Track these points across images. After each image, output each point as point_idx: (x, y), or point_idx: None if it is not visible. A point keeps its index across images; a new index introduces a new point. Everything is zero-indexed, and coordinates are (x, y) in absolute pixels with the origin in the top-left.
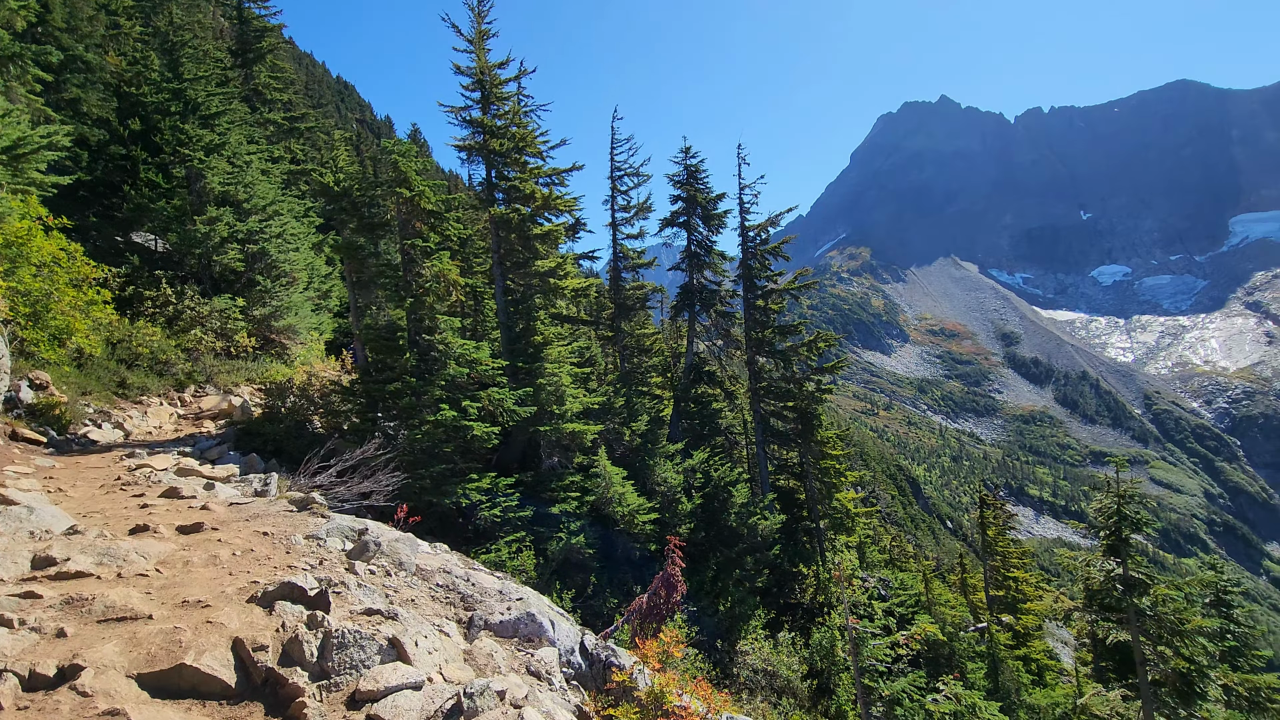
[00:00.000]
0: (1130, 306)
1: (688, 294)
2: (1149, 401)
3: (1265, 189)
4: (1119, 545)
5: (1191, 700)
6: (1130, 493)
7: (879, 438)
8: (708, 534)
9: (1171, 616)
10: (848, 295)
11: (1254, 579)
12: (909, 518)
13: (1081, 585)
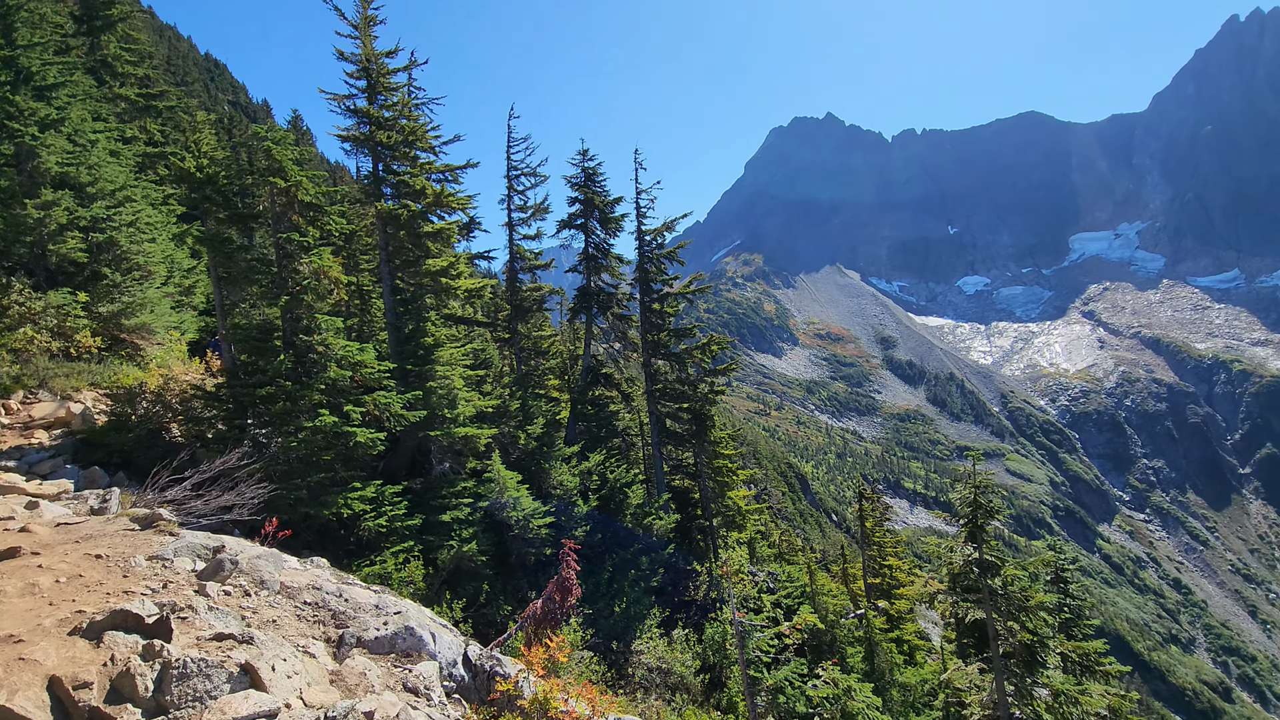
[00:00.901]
0: (989, 314)
1: (585, 296)
2: (1005, 400)
3: (1098, 211)
4: (976, 531)
5: (1034, 668)
6: (985, 484)
7: (771, 437)
8: (604, 536)
9: (1018, 594)
10: (742, 300)
11: (1089, 556)
12: (798, 513)
13: (945, 570)
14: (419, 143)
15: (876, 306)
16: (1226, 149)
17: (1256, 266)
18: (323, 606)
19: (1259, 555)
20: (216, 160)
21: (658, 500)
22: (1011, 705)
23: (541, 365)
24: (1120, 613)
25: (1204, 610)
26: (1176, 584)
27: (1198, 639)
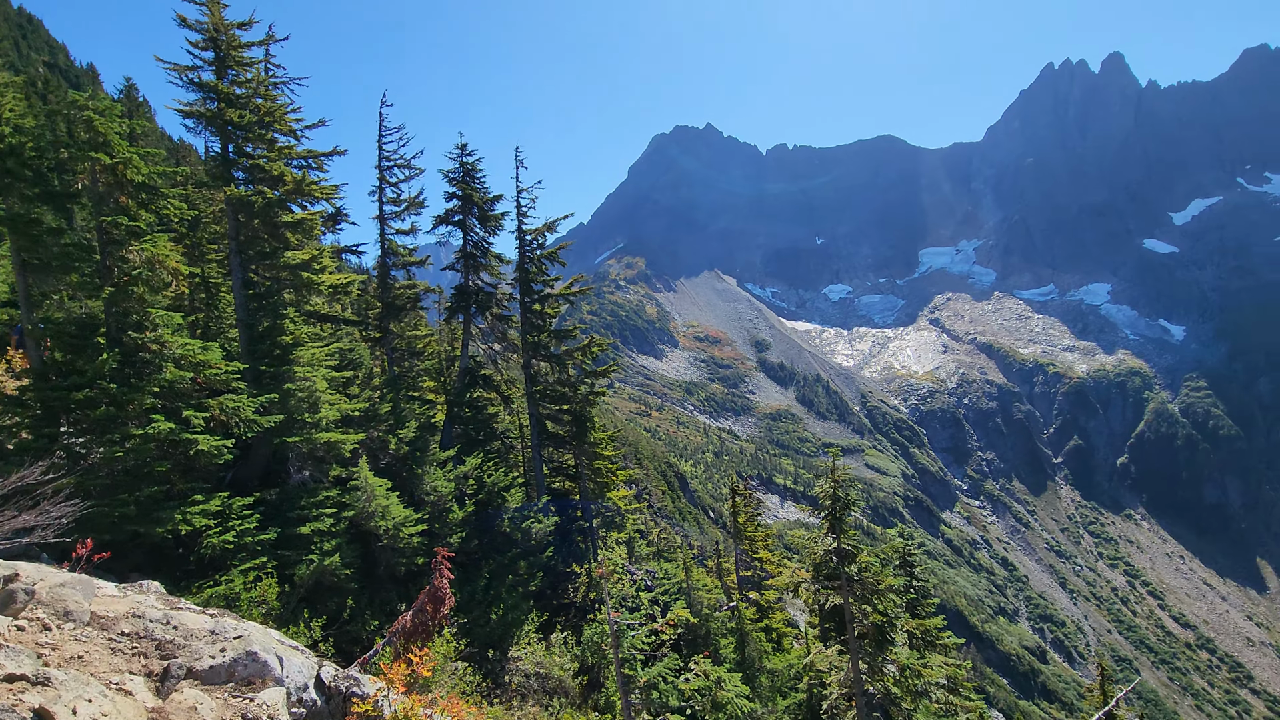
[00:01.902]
0: (852, 320)
1: (463, 295)
2: (864, 400)
3: (942, 229)
4: (836, 523)
5: (884, 647)
6: (843, 478)
7: (652, 437)
8: (481, 542)
9: (871, 579)
10: (624, 302)
11: (934, 540)
12: (677, 511)
13: (809, 559)
14: (277, 125)
15: (751, 311)
16: (1045, 179)
17: (1067, 282)
18: (145, 636)
19: (1068, 534)
20: (24, 129)
21: (537, 503)
22: (865, 682)
23: (416, 366)
24: (959, 590)
25: (1026, 584)
26: (1004, 562)
27: (1021, 610)
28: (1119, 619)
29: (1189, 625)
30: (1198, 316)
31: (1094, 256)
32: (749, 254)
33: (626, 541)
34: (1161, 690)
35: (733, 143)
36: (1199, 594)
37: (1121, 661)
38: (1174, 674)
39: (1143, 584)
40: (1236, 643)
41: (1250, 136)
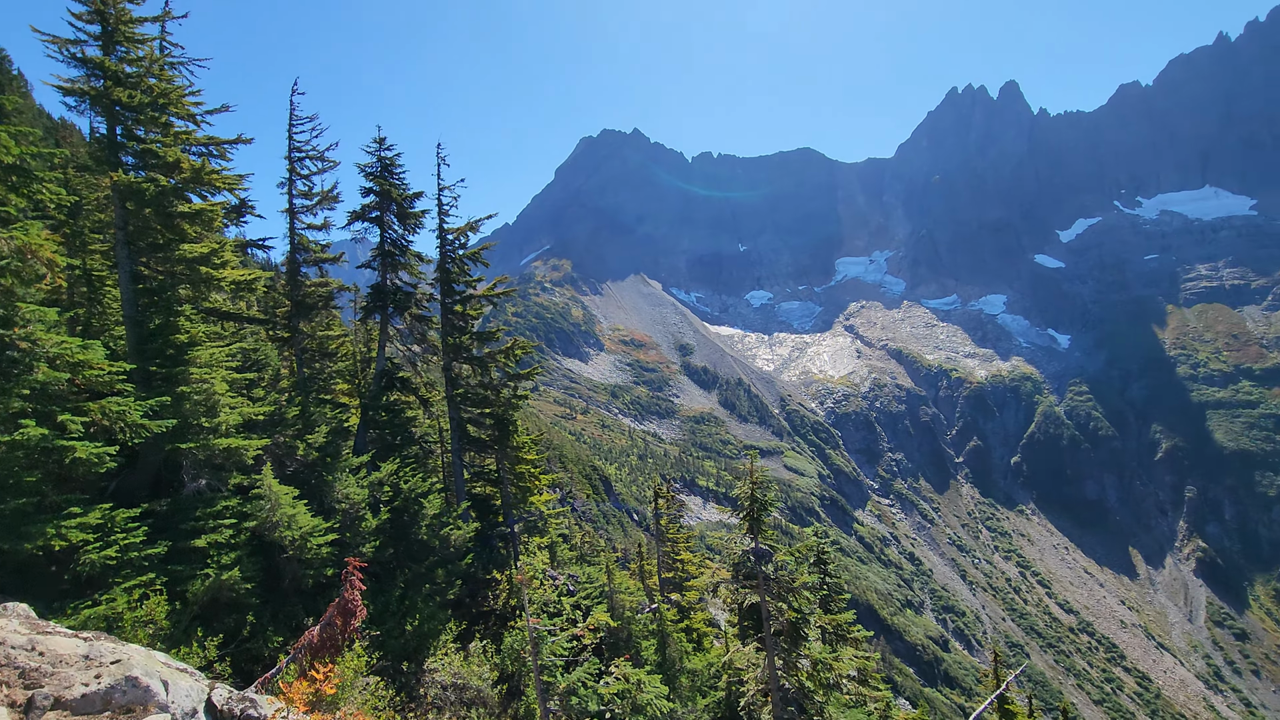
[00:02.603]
0: (772, 325)
1: (380, 295)
2: (784, 403)
3: (857, 240)
4: (754, 523)
5: (799, 642)
6: (761, 480)
7: (577, 440)
8: (396, 550)
9: (787, 577)
10: (550, 304)
11: (848, 538)
12: (602, 514)
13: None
14: (173, 108)
15: (676, 315)
16: (949, 195)
17: (969, 293)
18: (6, 665)
19: (968, 529)
20: None
21: (457, 509)
22: (781, 678)
23: (328, 368)
24: (871, 585)
25: (930, 577)
26: (912, 557)
27: (926, 602)
28: (1012, 607)
29: (1072, 611)
30: (1080, 326)
31: (992, 269)
32: (674, 259)
33: (549, 546)
34: (1048, 672)
35: (659, 149)
36: (1080, 582)
37: (1014, 647)
38: (1059, 656)
39: (1032, 574)
40: (1112, 625)
41: (1125, 163)
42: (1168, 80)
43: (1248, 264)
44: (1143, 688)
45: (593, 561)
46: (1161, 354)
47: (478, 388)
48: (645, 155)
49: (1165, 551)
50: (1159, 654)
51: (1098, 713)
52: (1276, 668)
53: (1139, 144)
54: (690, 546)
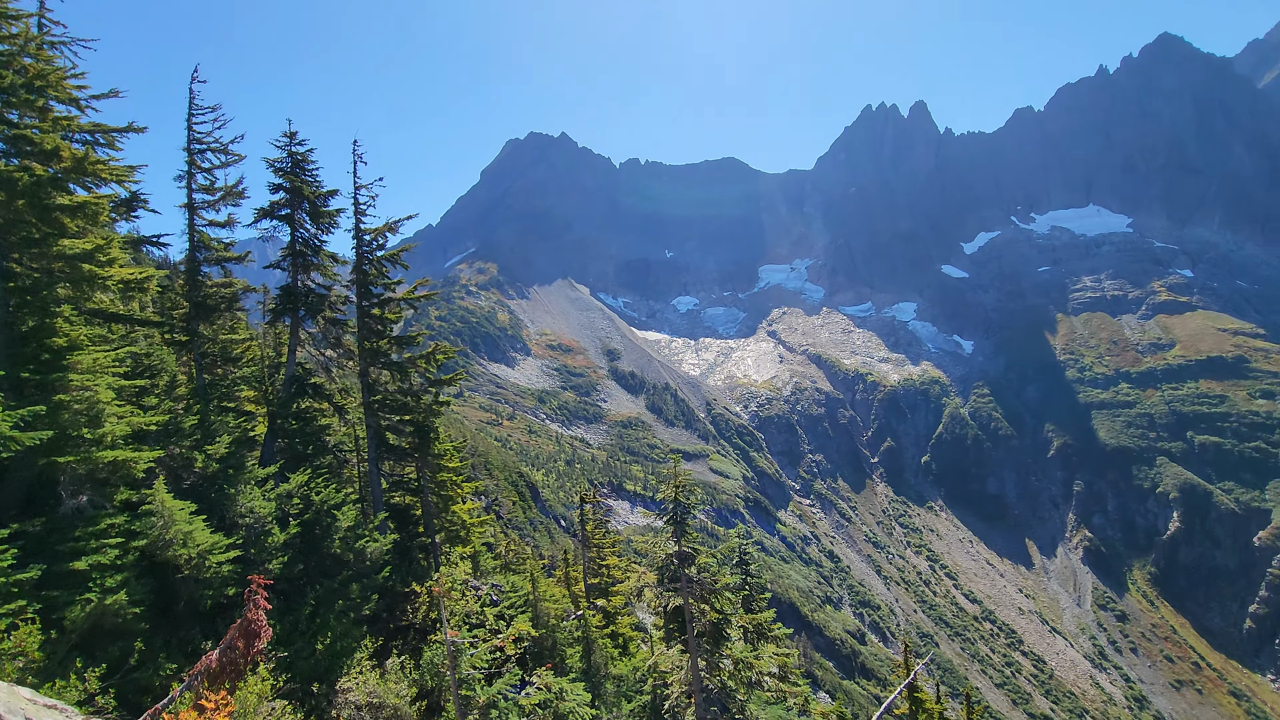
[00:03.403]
0: (698, 330)
1: (290, 297)
2: (710, 407)
3: (779, 248)
4: (678, 527)
5: (721, 643)
6: (684, 484)
7: (503, 446)
8: (307, 566)
9: (710, 579)
10: (475, 309)
11: (771, 538)
12: (528, 521)
13: (653, 564)
14: (53, 91)
15: (604, 320)
16: (864, 207)
17: (882, 300)
18: None
19: (882, 526)
20: None
21: (374, 520)
22: (704, 678)
23: (232, 374)
24: (792, 583)
25: (848, 574)
26: (831, 555)
27: (844, 597)
28: (923, 599)
29: (976, 600)
30: (983, 333)
31: (904, 278)
32: (602, 264)
33: (472, 556)
34: (956, 660)
35: (587, 153)
36: (983, 573)
37: (925, 637)
38: (965, 644)
39: (941, 567)
40: (1011, 612)
41: (1021, 182)
42: (1057, 106)
43: (1125, 276)
44: (1038, 669)
45: (517, 570)
46: (1053, 358)
47: (397, 394)
48: (573, 159)
49: (1057, 542)
50: (1052, 637)
51: (1000, 695)
52: (1151, 644)
53: (1033, 164)
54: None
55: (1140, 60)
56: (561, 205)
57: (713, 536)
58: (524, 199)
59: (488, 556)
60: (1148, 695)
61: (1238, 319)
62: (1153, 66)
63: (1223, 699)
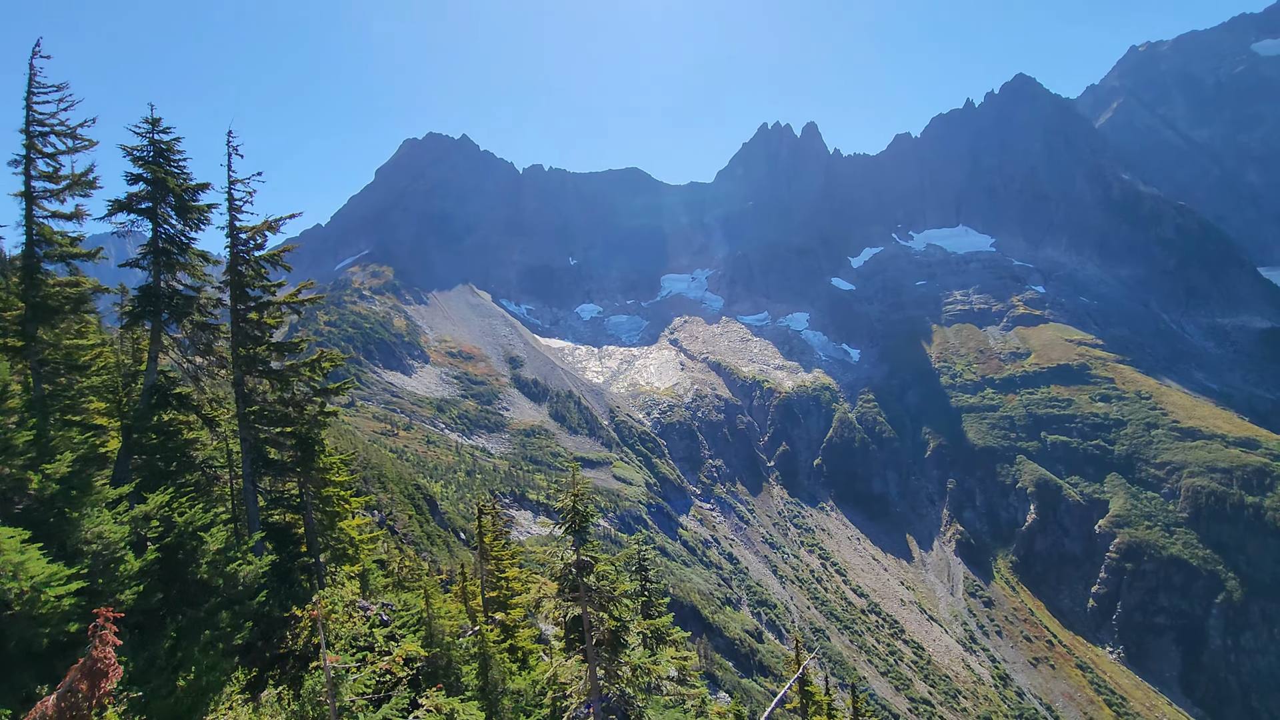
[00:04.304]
0: (602, 338)
1: (151, 298)
2: (613, 414)
3: (681, 258)
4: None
5: (620, 650)
6: (582, 492)
7: (399, 458)
8: (168, 595)
9: (608, 587)
10: (369, 313)
11: (673, 543)
12: (425, 535)
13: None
14: None
15: (506, 327)
16: (761, 221)
17: (778, 310)
18: None
19: (778, 527)
20: None
21: (248, 541)
22: (603, 686)
23: (78, 383)
24: (694, 587)
25: (747, 574)
26: (730, 557)
27: (743, 598)
28: (815, 596)
29: (863, 594)
30: (868, 342)
31: (797, 290)
32: (504, 270)
33: (361, 575)
34: (845, 652)
35: (489, 157)
36: (869, 568)
37: (817, 631)
38: (854, 636)
39: (831, 564)
40: (894, 604)
41: (901, 202)
42: (931, 134)
43: (990, 291)
44: (918, 656)
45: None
46: (929, 366)
47: (277, 404)
48: (475, 162)
49: (933, 536)
50: (930, 625)
51: (884, 682)
52: (1013, 627)
53: (910, 186)
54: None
55: (1000, 96)
56: (462, 208)
57: (616, 543)
58: (423, 201)
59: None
60: (1010, 673)
61: (1081, 331)
62: (1010, 102)
63: (1071, 672)
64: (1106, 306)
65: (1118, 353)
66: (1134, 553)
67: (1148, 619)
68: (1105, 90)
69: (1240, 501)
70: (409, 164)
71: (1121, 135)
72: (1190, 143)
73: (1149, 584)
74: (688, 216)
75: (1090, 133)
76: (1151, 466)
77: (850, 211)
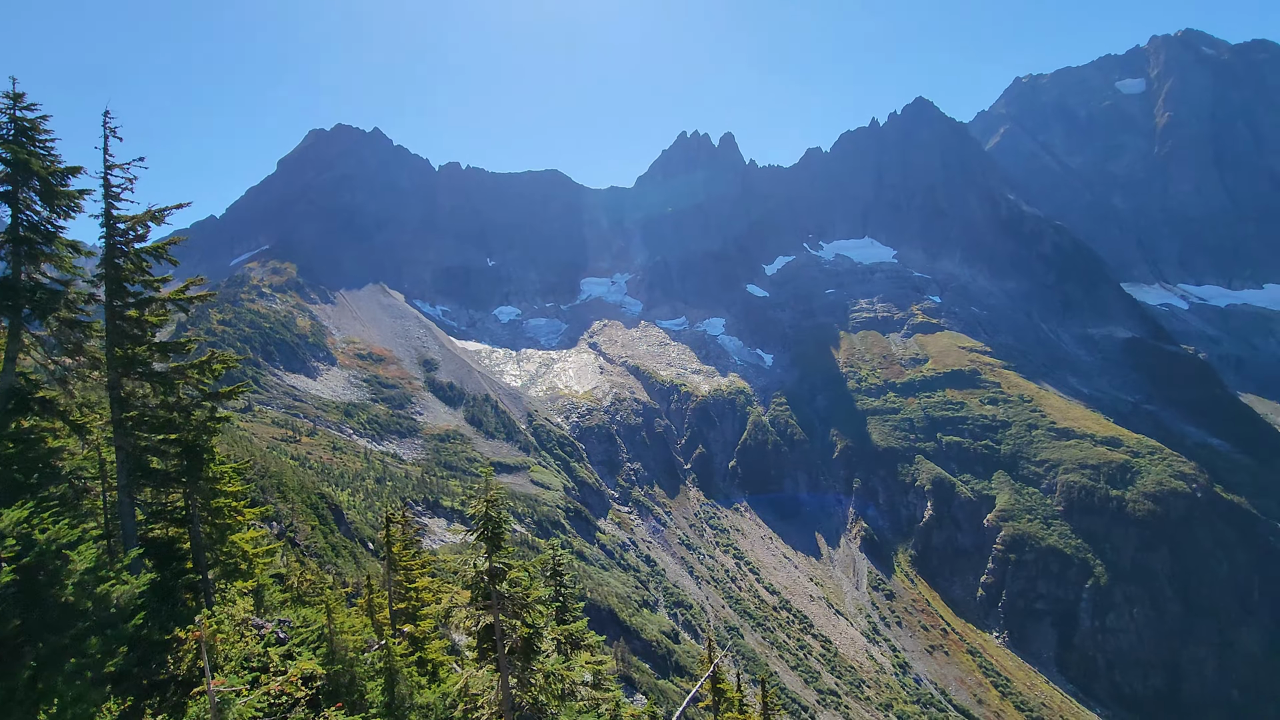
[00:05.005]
0: (520, 341)
1: (9, 292)
2: (531, 418)
3: (601, 261)
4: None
5: (532, 657)
6: (495, 497)
7: (301, 466)
8: (27, 620)
9: (521, 594)
10: (270, 313)
11: (591, 547)
12: (330, 546)
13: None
14: None
15: (420, 329)
16: (680, 227)
17: (695, 315)
18: None
19: (694, 528)
20: None
21: (123, 559)
22: (515, 696)
23: None
24: (612, 590)
25: (664, 576)
26: (648, 559)
27: (660, 600)
28: (730, 595)
29: (775, 592)
30: (781, 347)
31: (714, 295)
32: (419, 270)
33: (255, 591)
34: (758, 648)
35: (403, 152)
36: (781, 566)
37: (732, 630)
38: (766, 633)
39: (746, 564)
40: (803, 600)
41: (812, 213)
42: (839, 150)
43: (892, 300)
44: (826, 649)
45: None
46: (837, 371)
47: (160, 410)
48: (387, 157)
49: (840, 533)
50: (836, 619)
51: (794, 676)
52: (911, 617)
53: (821, 198)
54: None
55: (902, 117)
56: (373, 204)
57: (533, 549)
58: (330, 195)
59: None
60: (909, 661)
61: (973, 339)
62: (911, 123)
63: (963, 657)
64: (994, 316)
65: (1004, 359)
66: (1017, 544)
67: (1029, 605)
68: (994, 116)
69: (1106, 495)
70: (315, 156)
71: (1008, 159)
72: (1066, 168)
73: (1030, 573)
74: (608, 220)
75: (981, 155)
76: (1032, 464)
77: (765, 221)
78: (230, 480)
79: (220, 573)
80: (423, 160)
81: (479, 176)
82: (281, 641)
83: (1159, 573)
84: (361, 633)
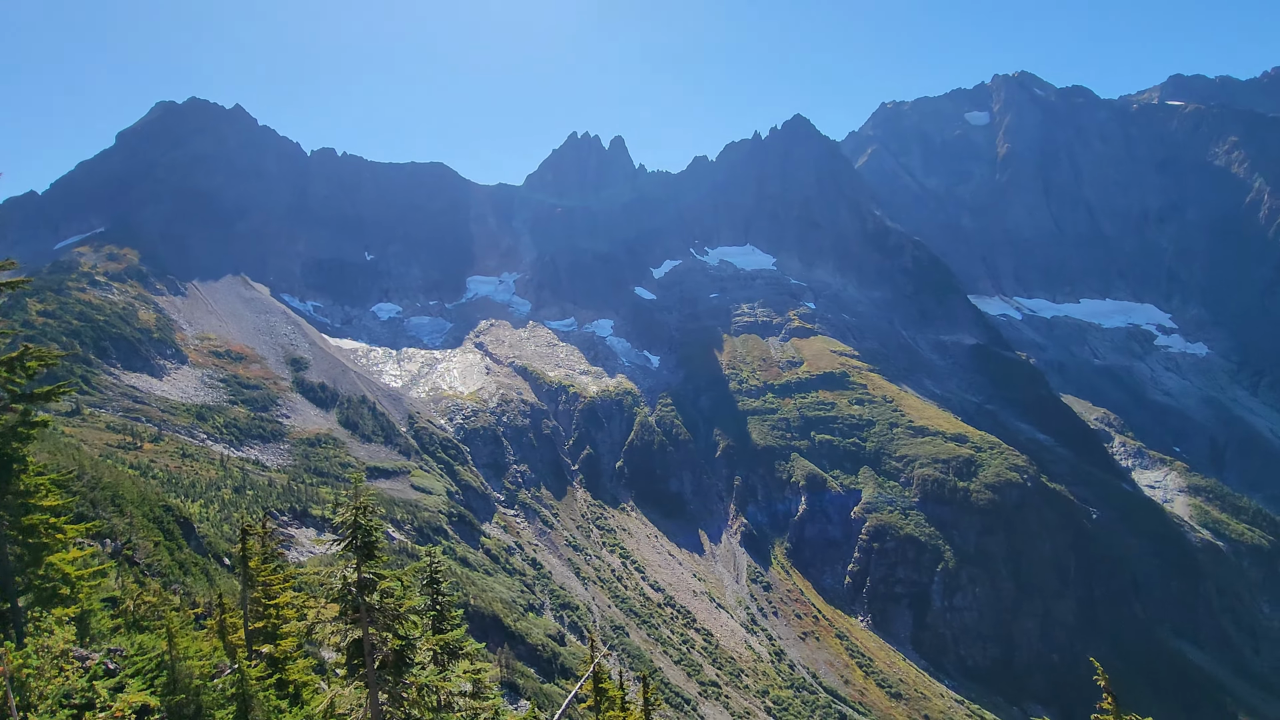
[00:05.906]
0: (401, 340)
1: None
2: (412, 421)
3: (488, 260)
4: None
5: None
6: (366, 504)
7: (142, 475)
8: None
9: (393, 605)
10: (105, 303)
11: (475, 552)
12: (177, 564)
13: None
14: None
15: (288, 325)
16: (569, 227)
17: (584, 317)
18: None
19: (581, 529)
20: None
21: None
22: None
23: None
24: (497, 596)
25: (550, 579)
26: (534, 562)
27: (546, 603)
28: (616, 594)
29: (660, 589)
30: (667, 349)
31: (602, 297)
32: (287, 261)
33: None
34: (644, 646)
35: (270, 133)
36: (666, 564)
37: (618, 629)
38: (651, 630)
39: (632, 563)
40: (687, 596)
41: (698, 218)
42: (724, 160)
43: (771, 306)
44: (708, 642)
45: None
46: (720, 372)
47: None
48: (250, 138)
49: (722, 530)
50: (718, 613)
51: (678, 670)
52: (786, 606)
53: (706, 205)
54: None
55: (782, 132)
56: (233, 188)
57: (413, 556)
58: (181, 175)
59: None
60: (784, 648)
61: (843, 344)
62: (789, 138)
63: (832, 641)
64: (862, 323)
65: (870, 363)
66: (879, 534)
67: (889, 589)
68: (863, 137)
69: (955, 486)
70: (164, 131)
71: (874, 177)
72: (923, 188)
73: (890, 560)
74: (496, 218)
75: (851, 172)
76: (893, 459)
77: (653, 224)
78: (48, 494)
79: (35, 599)
80: (293, 144)
81: (357, 165)
82: (111, 673)
83: (996, 555)
84: (211, 657)
